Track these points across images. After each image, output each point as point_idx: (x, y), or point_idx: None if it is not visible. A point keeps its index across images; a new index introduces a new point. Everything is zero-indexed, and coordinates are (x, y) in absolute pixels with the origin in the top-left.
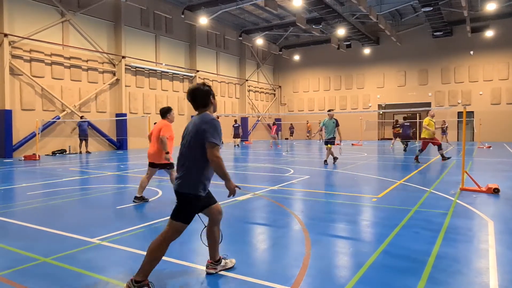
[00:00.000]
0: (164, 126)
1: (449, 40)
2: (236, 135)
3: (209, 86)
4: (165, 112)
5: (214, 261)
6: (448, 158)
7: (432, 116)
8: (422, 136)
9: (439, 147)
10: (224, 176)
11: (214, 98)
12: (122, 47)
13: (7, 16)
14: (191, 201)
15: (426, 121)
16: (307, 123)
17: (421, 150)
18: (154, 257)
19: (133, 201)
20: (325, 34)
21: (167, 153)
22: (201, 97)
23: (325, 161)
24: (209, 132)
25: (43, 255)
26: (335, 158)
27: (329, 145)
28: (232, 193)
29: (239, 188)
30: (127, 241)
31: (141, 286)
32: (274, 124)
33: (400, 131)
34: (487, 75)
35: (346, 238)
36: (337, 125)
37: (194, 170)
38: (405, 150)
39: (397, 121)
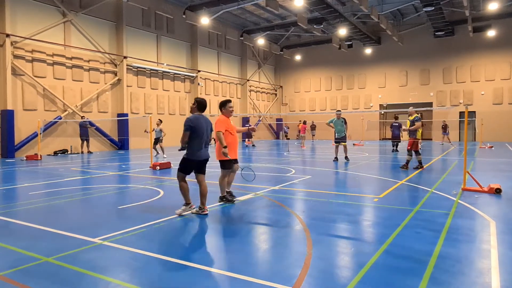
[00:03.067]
0: (217, 121)
1: (450, 40)
2: (248, 136)
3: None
4: (221, 106)
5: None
6: (421, 167)
7: (409, 115)
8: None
9: (415, 152)
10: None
11: None
12: (123, 47)
13: (9, 16)
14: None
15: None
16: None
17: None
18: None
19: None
20: (326, 34)
21: (225, 147)
22: (205, 106)
23: (346, 157)
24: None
25: (45, 254)
26: (336, 158)
27: (343, 143)
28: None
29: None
30: (128, 241)
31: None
32: (304, 123)
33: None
34: (489, 75)
35: (348, 238)
36: (345, 123)
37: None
38: (395, 150)
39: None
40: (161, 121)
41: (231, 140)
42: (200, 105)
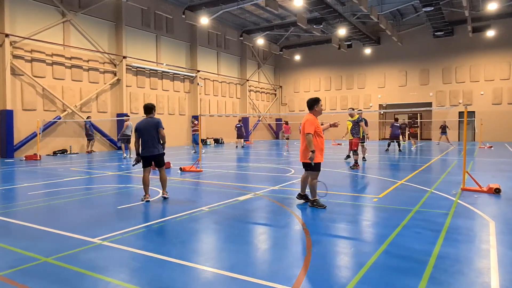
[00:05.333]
0: (306, 122)
1: (450, 40)
2: (239, 136)
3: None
4: (313, 104)
5: None
6: (355, 167)
7: (351, 116)
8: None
9: (353, 151)
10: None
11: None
12: (123, 47)
13: (8, 16)
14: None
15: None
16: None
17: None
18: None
19: (297, 198)
20: (326, 34)
21: (313, 151)
22: (153, 110)
23: (363, 158)
24: (161, 124)
25: (44, 255)
26: (364, 158)
27: (361, 143)
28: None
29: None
30: (128, 241)
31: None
32: (287, 123)
33: (417, 131)
34: (488, 75)
35: (347, 238)
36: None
37: (157, 142)
38: (399, 150)
39: (414, 120)
40: (128, 116)
41: (320, 142)
42: (144, 108)
